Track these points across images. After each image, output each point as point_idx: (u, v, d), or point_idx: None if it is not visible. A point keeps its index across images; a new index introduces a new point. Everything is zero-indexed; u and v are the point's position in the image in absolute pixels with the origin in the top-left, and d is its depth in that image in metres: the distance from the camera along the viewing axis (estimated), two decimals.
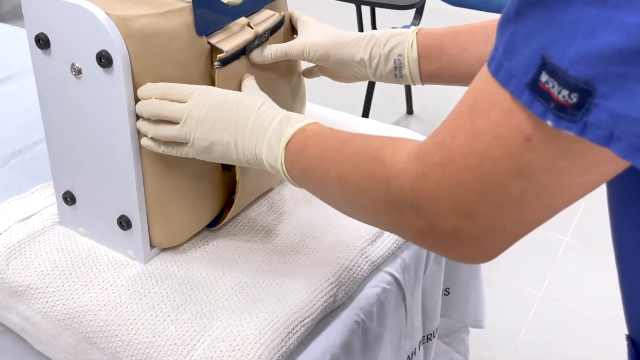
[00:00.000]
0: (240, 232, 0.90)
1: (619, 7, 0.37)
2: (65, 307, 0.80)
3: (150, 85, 0.74)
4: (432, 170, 0.49)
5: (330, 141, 0.64)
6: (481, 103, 0.46)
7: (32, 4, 0.76)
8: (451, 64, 0.81)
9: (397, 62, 0.83)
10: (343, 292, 0.83)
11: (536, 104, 0.41)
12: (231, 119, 0.70)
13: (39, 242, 0.87)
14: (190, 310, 0.78)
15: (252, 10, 0.83)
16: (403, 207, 0.53)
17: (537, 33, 0.41)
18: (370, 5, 2.16)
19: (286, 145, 0.67)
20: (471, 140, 0.46)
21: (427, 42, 0.82)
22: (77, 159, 0.83)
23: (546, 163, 0.44)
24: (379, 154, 0.56)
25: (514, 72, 0.43)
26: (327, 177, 0.62)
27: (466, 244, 0.51)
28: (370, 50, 0.84)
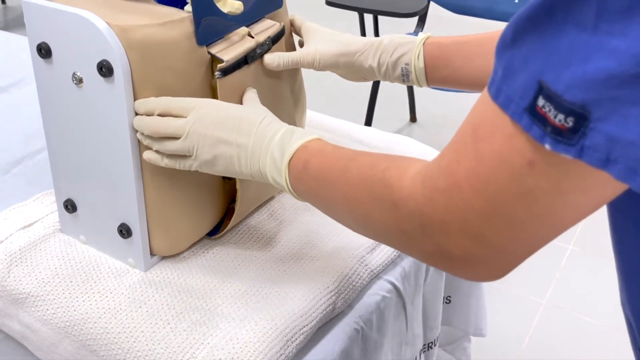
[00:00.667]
0: (241, 240, 0.90)
1: (610, 33, 0.38)
2: (66, 315, 0.80)
3: (150, 99, 0.74)
4: (438, 195, 0.50)
5: (334, 161, 0.64)
6: (483, 127, 0.47)
7: (34, 13, 0.77)
8: (457, 73, 0.84)
9: (404, 71, 0.86)
10: (342, 300, 0.83)
11: (534, 128, 0.42)
12: (233, 134, 0.71)
13: (40, 250, 0.87)
14: (190, 318, 0.78)
15: (253, 20, 0.84)
16: (412, 230, 0.54)
17: (533, 58, 0.42)
18: (373, 14, 2.17)
19: (289, 162, 0.68)
20: (475, 165, 0.47)
21: (433, 52, 0.85)
22: (78, 167, 0.84)
23: (549, 186, 0.44)
24: (386, 177, 0.57)
25: (513, 97, 0.43)
26: (333, 198, 0.63)
27: (475, 265, 0.52)
28: (379, 58, 0.87)
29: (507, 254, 0.51)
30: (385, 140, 1.13)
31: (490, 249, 0.50)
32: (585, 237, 1.98)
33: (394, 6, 2.14)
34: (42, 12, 0.76)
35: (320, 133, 1.12)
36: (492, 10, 2.29)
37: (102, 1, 0.79)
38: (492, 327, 1.18)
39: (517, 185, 0.45)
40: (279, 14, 0.88)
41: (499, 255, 0.51)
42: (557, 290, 1.82)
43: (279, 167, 0.69)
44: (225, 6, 0.81)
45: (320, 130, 1.14)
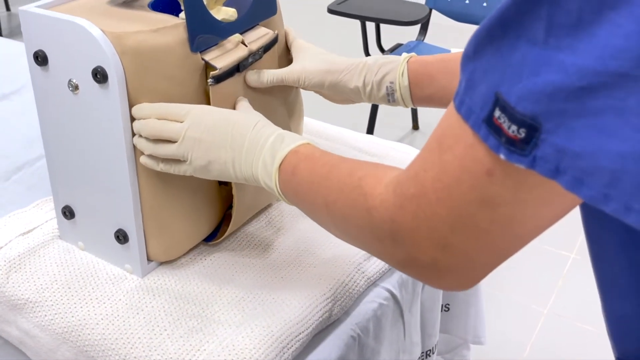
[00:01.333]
0: (238, 247, 0.91)
1: (558, 48, 0.39)
2: (64, 321, 0.80)
3: (147, 105, 0.75)
4: (408, 202, 0.51)
5: (319, 166, 0.66)
6: (447, 138, 0.48)
7: (31, 21, 0.78)
8: (441, 91, 0.84)
9: (389, 89, 0.86)
10: (339, 307, 0.83)
11: (491, 138, 0.43)
12: (227, 138, 0.72)
13: (38, 256, 0.87)
14: (187, 324, 0.78)
15: (246, 28, 0.84)
16: (384, 237, 0.55)
17: (491, 70, 0.43)
18: (375, 22, 2.17)
19: (279, 167, 0.69)
20: (440, 174, 0.48)
21: (417, 69, 0.85)
22: (76, 174, 0.84)
23: (509, 195, 0.45)
24: (362, 184, 0.58)
25: (474, 108, 0.45)
26: (316, 202, 0.64)
27: (444, 274, 0.53)
28: (364, 78, 0.87)
29: (474, 263, 0.51)
30: (384, 148, 1.13)
31: (458, 258, 0.51)
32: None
33: (395, 14, 2.14)
34: (38, 20, 0.77)
35: (320, 141, 1.13)
36: None
37: (97, 9, 0.79)
38: (493, 335, 1.17)
39: (478, 194, 0.46)
40: (273, 21, 0.89)
41: (467, 264, 0.52)
42: (558, 298, 1.81)
43: (269, 171, 0.69)
44: (219, 13, 0.82)
45: (319, 138, 1.14)
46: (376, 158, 1.10)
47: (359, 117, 2.36)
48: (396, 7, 2.22)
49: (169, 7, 0.82)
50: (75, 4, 0.81)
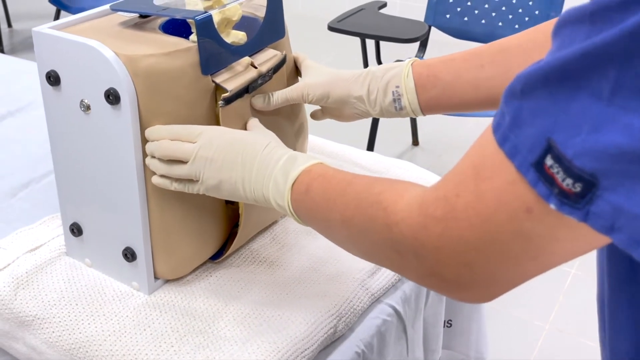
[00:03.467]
0: (243, 264, 0.92)
1: (625, 108, 0.39)
2: (71, 337, 0.81)
3: (161, 127, 0.77)
4: (434, 223, 0.52)
5: (334, 183, 0.66)
6: (485, 168, 0.48)
7: (43, 42, 0.79)
8: (447, 91, 0.83)
9: (395, 94, 0.85)
10: (343, 324, 0.84)
11: (540, 185, 0.43)
12: (238, 158, 0.73)
13: (46, 273, 0.89)
14: (193, 340, 0.79)
15: (256, 50, 0.86)
16: (405, 252, 0.55)
17: (542, 115, 0.43)
18: (375, 39, 2.19)
19: (292, 186, 0.69)
20: (475, 202, 0.48)
21: (421, 71, 0.84)
22: (84, 192, 0.85)
23: (545, 232, 0.46)
24: (381, 199, 0.58)
25: (520, 148, 0.44)
26: (332, 218, 0.65)
27: (467, 288, 0.54)
28: (368, 85, 0.86)
29: (497, 282, 0.52)
30: (385, 164, 1.15)
31: (482, 275, 0.51)
32: (588, 261, 1.98)
33: (395, 32, 2.16)
34: (51, 41, 0.79)
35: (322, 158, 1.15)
36: (492, 35, 2.32)
37: (110, 30, 0.81)
38: (495, 351, 1.18)
39: (514, 226, 0.47)
40: (281, 43, 0.90)
41: (490, 281, 0.52)
42: (560, 314, 1.82)
43: (281, 191, 0.70)
44: (229, 36, 0.83)
45: (322, 155, 1.16)
46: (377, 174, 1.11)
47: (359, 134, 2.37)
48: (395, 25, 2.24)
49: (179, 30, 0.84)
50: (87, 25, 0.82)
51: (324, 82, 0.87)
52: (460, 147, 2.73)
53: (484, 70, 0.80)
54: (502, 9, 2.30)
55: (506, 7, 2.29)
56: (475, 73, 0.81)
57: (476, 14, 2.33)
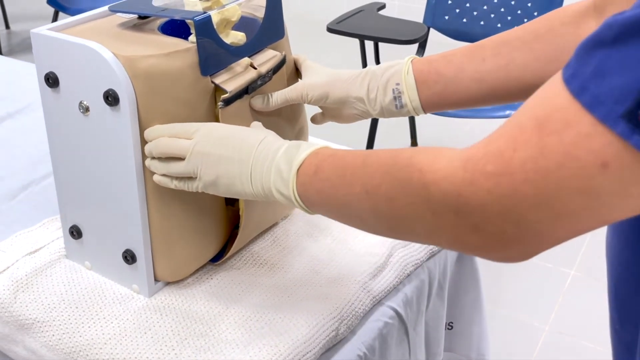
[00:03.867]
0: (244, 266, 0.91)
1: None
2: (72, 341, 0.81)
3: (159, 126, 0.76)
4: (483, 178, 0.49)
5: (349, 159, 0.64)
6: (553, 121, 0.46)
7: (42, 43, 0.79)
8: (449, 87, 0.81)
9: (395, 92, 0.83)
10: (345, 327, 0.83)
11: (635, 137, 0.42)
12: (235, 152, 0.72)
13: (45, 276, 0.88)
14: (195, 344, 0.79)
15: (255, 51, 0.85)
16: (443, 211, 0.53)
17: (636, 64, 0.41)
18: (373, 41, 2.19)
19: (297, 171, 0.67)
20: (537, 156, 0.46)
21: (422, 68, 0.82)
22: (84, 194, 0.85)
23: (618, 187, 0.44)
24: (414, 162, 0.56)
25: (604, 99, 0.43)
26: (350, 192, 0.62)
27: (508, 246, 0.51)
28: (368, 84, 0.84)
29: (546, 238, 0.50)
30: None
31: (530, 232, 0.49)
32: (587, 262, 1.98)
33: (394, 33, 2.16)
34: (50, 43, 0.78)
35: None
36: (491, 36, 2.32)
37: (109, 31, 0.81)
38: (495, 352, 1.18)
39: (581, 183, 0.45)
40: (281, 43, 0.90)
41: (537, 238, 0.50)
42: (559, 315, 1.82)
43: (285, 178, 0.68)
44: (228, 37, 0.83)
45: None
46: None
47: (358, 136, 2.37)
48: (394, 26, 2.24)
49: (178, 30, 0.84)
50: (86, 27, 0.82)
51: (323, 82, 0.86)
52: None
53: (486, 64, 0.79)
54: (500, 10, 2.30)
55: (505, 8, 2.29)
56: (478, 67, 0.79)
57: (475, 15, 2.33)
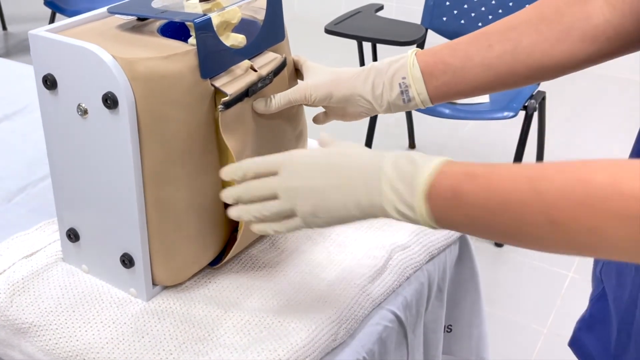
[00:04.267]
0: (242, 270, 0.91)
1: None
2: (69, 345, 0.80)
3: (234, 165, 0.73)
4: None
5: (503, 183, 0.56)
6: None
7: (40, 45, 0.78)
8: (457, 76, 0.80)
9: (402, 86, 0.81)
10: (344, 331, 0.83)
11: None
12: (328, 179, 0.66)
13: (42, 279, 0.87)
14: (193, 348, 0.78)
15: (256, 53, 0.85)
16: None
17: None
18: (371, 42, 2.19)
19: (426, 192, 0.60)
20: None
21: (427, 60, 0.81)
22: (82, 197, 0.84)
23: None
24: (616, 184, 0.50)
25: None
26: (527, 222, 0.55)
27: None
28: (373, 81, 0.83)
29: None
30: None
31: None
32: (585, 264, 1.98)
33: (392, 34, 2.16)
34: (48, 45, 0.78)
35: None
36: None
37: (107, 33, 0.80)
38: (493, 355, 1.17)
39: None
40: (281, 46, 0.89)
41: None
42: (557, 318, 1.82)
43: (408, 200, 0.61)
44: (228, 39, 0.82)
45: None
46: None
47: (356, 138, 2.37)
48: (392, 27, 2.24)
49: (178, 32, 0.83)
50: (85, 28, 0.81)
51: (326, 81, 0.85)
52: (457, 150, 2.73)
53: (493, 50, 0.77)
54: (499, 11, 2.30)
55: (503, 9, 2.29)
56: (485, 53, 0.78)
57: (473, 16, 2.33)
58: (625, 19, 0.71)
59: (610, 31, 0.72)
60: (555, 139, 2.58)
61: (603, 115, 2.87)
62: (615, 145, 2.58)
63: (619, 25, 0.72)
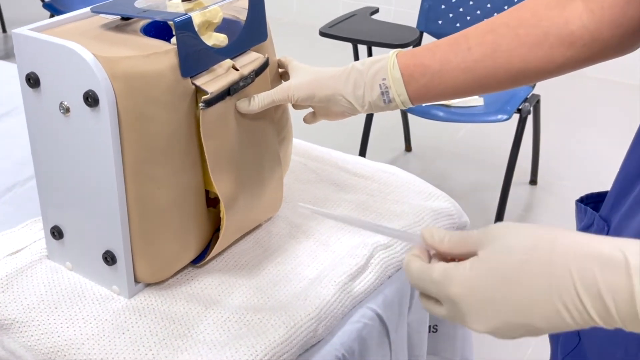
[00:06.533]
0: (225, 268, 0.91)
1: None
2: (50, 341, 0.81)
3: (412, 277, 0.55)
4: None
5: None
6: None
7: (24, 44, 0.79)
8: (436, 78, 0.80)
9: (382, 87, 0.81)
10: (323, 327, 0.84)
11: None
12: (509, 293, 0.48)
13: (26, 276, 0.88)
14: (172, 344, 0.79)
15: (237, 53, 0.86)
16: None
17: None
18: (366, 44, 2.20)
19: None
20: None
21: (407, 61, 0.81)
22: (65, 195, 0.85)
23: None
24: None
25: None
26: None
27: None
28: (354, 81, 0.83)
29: None
30: (371, 169, 1.14)
31: None
32: None
33: (387, 37, 2.17)
34: (31, 43, 0.78)
35: (305, 161, 1.14)
36: None
37: (90, 32, 0.81)
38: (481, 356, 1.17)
39: None
40: (264, 46, 0.90)
41: None
42: None
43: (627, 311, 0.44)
44: (210, 39, 0.83)
45: (307, 159, 1.16)
46: (363, 179, 1.11)
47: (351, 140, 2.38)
48: (387, 30, 2.25)
49: (160, 32, 0.84)
50: (68, 27, 0.82)
51: (308, 81, 0.85)
52: (453, 153, 2.74)
53: (471, 53, 0.77)
54: (493, 14, 2.31)
55: (498, 13, 2.30)
56: (464, 57, 0.78)
57: (468, 20, 2.34)
58: (602, 25, 0.71)
59: (587, 37, 0.72)
60: (550, 142, 2.58)
61: (598, 119, 2.88)
62: (611, 148, 2.59)
63: (596, 31, 0.71)
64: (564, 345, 0.70)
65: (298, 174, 1.12)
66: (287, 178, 1.05)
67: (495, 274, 0.49)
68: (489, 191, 2.32)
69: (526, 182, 2.44)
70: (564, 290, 0.46)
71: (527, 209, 2.34)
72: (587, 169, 2.48)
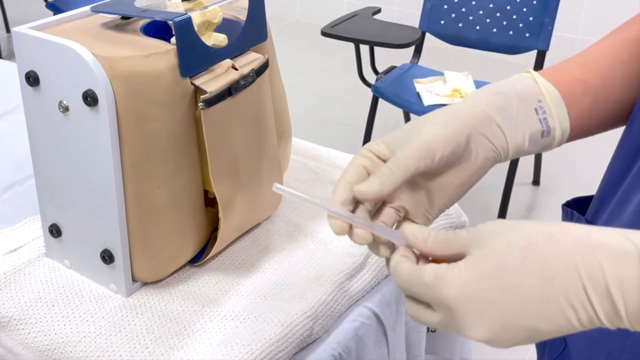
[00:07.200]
0: (222, 266, 0.92)
1: None
2: (47, 339, 0.81)
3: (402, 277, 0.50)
4: None
5: None
6: None
7: (24, 42, 0.80)
8: (599, 97, 0.61)
9: (539, 112, 0.58)
10: (319, 326, 0.84)
11: None
12: (506, 295, 0.45)
13: (24, 274, 0.88)
14: (168, 342, 0.79)
15: (237, 53, 0.86)
16: None
17: None
18: (369, 44, 2.20)
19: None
20: None
21: (560, 77, 0.60)
22: (64, 193, 0.85)
23: None
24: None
25: None
26: None
27: None
28: (503, 110, 0.57)
29: None
30: None
31: None
32: None
33: (389, 37, 2.17)
34: (31, 42, 0.79)
35: (304, 160, 1.14)
36: (486, 42, 2.33)
37: (90, 32, 0.81)
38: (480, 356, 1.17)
39: None
40: (264, 46, 0.90)
41: None
42: None
43: None
44: (209, 39, 0.83)
45: (306, 158, 1.16)
46: None
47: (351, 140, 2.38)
48: (390, 30, 2.25)
49: (160, 32, 0.84)
50: (68, 26, 0.83)
51: (452, 130, 0.55)
52: None
53: (628, 66, 0.61)
54: (496, 15, 2.30)
55: (500, 13, 2.30)
56: (621, 71, 0.61)
57: (471, 20, 2.34)
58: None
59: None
60: None
61: None
62: None
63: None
64: (550, 350, 0.68)
65: (297, 173, 1.12)
66: (286, 177, 1.05)
67: (494, 274, 0.45)
68: (491, 191, 2.32)
69: (529, 183, 2.44)
70: (569, 285, 0.43)
71: (529, 210, 2.34)
72: (590, 169, 2.48)
